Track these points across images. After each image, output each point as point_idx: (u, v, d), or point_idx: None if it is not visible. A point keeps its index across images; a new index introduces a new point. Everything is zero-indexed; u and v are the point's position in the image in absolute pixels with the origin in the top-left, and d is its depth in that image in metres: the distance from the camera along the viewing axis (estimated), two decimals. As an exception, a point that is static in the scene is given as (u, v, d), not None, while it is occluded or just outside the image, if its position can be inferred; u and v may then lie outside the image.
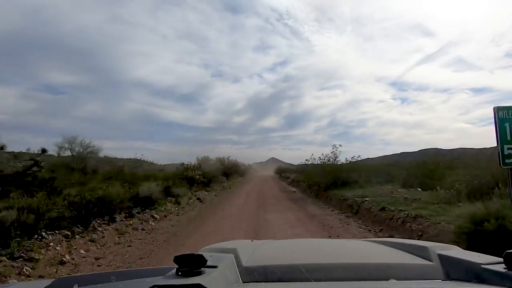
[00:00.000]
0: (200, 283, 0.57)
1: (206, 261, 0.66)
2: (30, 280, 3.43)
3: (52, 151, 14.75)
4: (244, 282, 0.71)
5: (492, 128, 3.50)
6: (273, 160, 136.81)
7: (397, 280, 0.70)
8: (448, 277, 0.76)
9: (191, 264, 0.64)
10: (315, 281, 0.70)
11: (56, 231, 4.99)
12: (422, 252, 0.88)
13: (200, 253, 0.69)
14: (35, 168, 8.62)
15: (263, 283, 0.71)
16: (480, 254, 0.82)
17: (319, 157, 14.20)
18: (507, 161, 3.44)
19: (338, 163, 13.02)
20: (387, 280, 0.70)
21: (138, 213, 7.34)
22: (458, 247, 0.96)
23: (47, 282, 0.87)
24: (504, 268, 0.67)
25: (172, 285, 0.58)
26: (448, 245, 0.96)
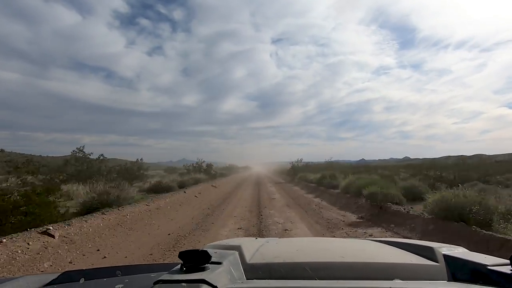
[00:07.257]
0: (205, 278, 0.58)
1: (210, 257, 0.66)
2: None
3: None
4: (248, 279, 0.71)
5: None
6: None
7: (402, 280, 0.70)
8: (454, 278, 0.75)
9: (196, 260, 0.65)
10: (319, 279, 0.70)
11: None
12: (427, 253, 0.87)
13: (204, 249, 0.70)
14: None
15: (267, 280, 0.71)
16: (486, 255, 0.81)
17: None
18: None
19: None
20: (392, 280, 0.70)
21: None
22: (464, 248, 0.95)
23: (55, 275, 0.89)
24: (511, 270, 0.67)
25: (176, 280, 0.59)
26: (454, 246, 0.95)
